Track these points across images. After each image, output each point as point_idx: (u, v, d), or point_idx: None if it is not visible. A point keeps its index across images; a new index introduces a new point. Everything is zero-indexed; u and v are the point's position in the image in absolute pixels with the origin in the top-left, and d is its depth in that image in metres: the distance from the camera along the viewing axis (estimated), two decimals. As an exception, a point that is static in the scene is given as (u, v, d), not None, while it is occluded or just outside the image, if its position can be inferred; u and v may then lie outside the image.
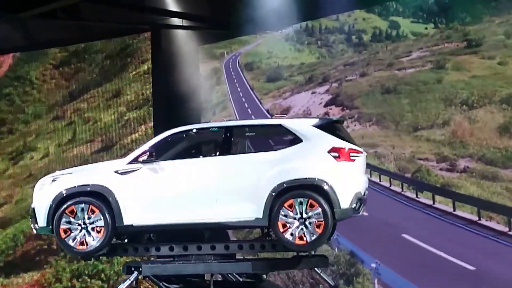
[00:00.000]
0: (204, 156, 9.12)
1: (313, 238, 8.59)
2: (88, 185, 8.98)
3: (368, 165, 15.07)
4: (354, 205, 8.81)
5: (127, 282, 8.92)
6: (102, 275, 17.39)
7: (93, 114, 18.90)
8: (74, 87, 19.22)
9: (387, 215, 14.70)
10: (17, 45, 18.55)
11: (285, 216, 8.64)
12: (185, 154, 9.28)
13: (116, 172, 9.02)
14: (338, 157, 8.80)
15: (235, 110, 17.86)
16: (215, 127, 9.28)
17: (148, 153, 9.05)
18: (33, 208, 9.30)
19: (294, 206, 8.65)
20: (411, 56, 14.92)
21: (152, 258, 10.14)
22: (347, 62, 16.25)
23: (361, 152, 9.04)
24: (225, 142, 9.06)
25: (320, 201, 8.58)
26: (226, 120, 9.70)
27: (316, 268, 9.62)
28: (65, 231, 8.90)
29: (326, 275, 9.86)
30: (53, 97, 19.43)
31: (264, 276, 9.77)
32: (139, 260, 10.46)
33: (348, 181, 8.79)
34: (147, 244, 9.19)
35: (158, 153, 9.11)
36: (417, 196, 14.36)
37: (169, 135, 9.21)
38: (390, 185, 14.86)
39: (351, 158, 8.88)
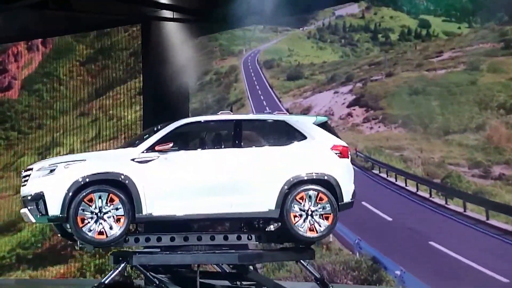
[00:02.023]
0: (214, 148, 8.90)
1: (322, 229, 8.75)
2: (109, 172, 8.32)
3: (394, 169, 13.52)
4: (353, 199, 9.04)
5: (115, 272, 8.59)
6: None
7: (118, 111, 17.74)
8: (100, 84, 18.10)
9: (413, 221, 13.09)
10: (7, 36, 17.99)
11: (298, 208, 8.70)
12: (197, 145, 9.05)
13: (133, 160, 8.46)
14: (340, 154, 8.99)
15: (253, 108, 16.25)
16: (223, 119, 9.07)
17: (162, 142, 8.56)
18: (39, 195, 8.15)
19: (305, 199, 8.70)
20: (442, 57, 13.04)
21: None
22: (372, 62, 14.42)
23: (350, 149, 9.35)
24: (235, 135, 8.88)
25: (329, 195, 8.75)
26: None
27: (302, 261, 9.39)
28: (82, 220, 8.04)
29: (312, 267, 9.59)
30: (79, 93, 18.31)
31: (251, 267, 9.30)
32: (127, 250, 9.46)
33: (349, 176, 9.02)
34: (148, 234, 8.76)
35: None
36: (446, 203, 12.59)
37: (180, 126, 8.80)
38: (417, 190, 13.07)
39: (348, 155, 9.15)
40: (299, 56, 15.92)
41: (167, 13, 16.22)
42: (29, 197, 8.37)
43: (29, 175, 8.59)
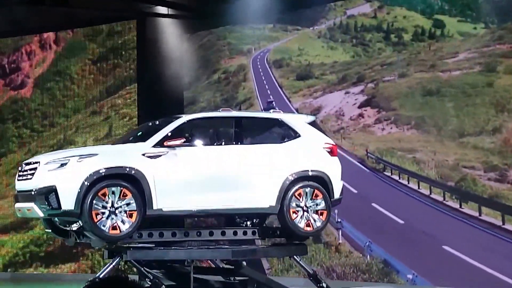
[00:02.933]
0: (218, 144, 8.74)
1: (318, 224, 8.77)
2: (122, 167, 8.03)
3: (406, 171, 12.77)
4: (342, 196, 9.07)
5: (110, 266, 8.33)
6: (134, 269, 15.59)
7: (129, 110, 17.14)
8: (111, 82, 17.52)
9: (426, 225, 12.38)
10: (4, 31, 17.60)
11: (295, 204, 8.68)
12: (203, 141, 8.84)
13: (144, 155, 8.19)
14: (330, 152, 9.01)
15: (262, 108, 15.52)
16: (223, 116, 9.07)
17: (170, 138, 8.34)
18: (51, 188, 7.69)
19: (302, 195, 8.68)
20: (457, 58, 12.26)
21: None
22: (384, 62, 13.66)
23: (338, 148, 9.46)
24: (238, 131, 8.82)
25: (324, 192, 8.77)
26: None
27: (295, 256, 9.21)
28: (96, 215, 7.69)
29: (305, 263, 9.41)
30: (91, 92, 17.74)
31: (244, 263, 8.99)
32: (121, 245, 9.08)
33: (339, 174, 9.02)
34: (151, 230, 8.50)
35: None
36: (460, 207, 11.86)
37: (184, 122, 8.61)
38: (430, 193, 12.34)
39: (337, 153, 9.21)
40: (309, 55, 15.19)
41: (162, 10, 15.81)
42: (37, 191, 7.89)
43: (34, 169, 8.11)
